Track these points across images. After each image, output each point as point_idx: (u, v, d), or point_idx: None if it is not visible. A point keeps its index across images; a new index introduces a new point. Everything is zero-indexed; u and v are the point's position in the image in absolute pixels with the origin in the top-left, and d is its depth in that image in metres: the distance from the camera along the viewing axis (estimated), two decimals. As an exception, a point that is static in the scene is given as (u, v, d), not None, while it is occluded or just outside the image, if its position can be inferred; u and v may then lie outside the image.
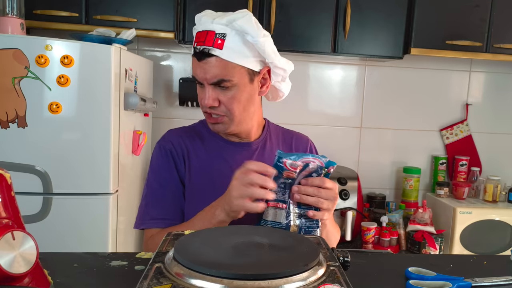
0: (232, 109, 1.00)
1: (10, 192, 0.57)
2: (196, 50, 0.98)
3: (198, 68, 0.99)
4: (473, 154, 2.49)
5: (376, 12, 2.04)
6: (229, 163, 1.06)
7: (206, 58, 0.96)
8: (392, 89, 2.45)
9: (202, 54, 0.96)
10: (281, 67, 1.04)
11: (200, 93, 1.02)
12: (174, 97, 2.32)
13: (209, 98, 0.99)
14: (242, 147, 1.10)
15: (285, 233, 0.77)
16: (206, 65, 0.97)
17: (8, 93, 1.48)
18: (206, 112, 1.03)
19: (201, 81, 1.00)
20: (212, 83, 0.98)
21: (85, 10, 1.87)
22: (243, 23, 0.95)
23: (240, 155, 1.08)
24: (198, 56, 0.98)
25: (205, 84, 0.99)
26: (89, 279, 0.69)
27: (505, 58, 2.12)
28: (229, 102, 1.00)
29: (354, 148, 2.48)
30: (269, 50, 0.99)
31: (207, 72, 0.97)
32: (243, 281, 0.52)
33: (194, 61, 1.00)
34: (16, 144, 1.51)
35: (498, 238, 2.18)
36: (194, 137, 1.11)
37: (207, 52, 0.96)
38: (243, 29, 0.95)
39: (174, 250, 0.61)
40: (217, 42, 0.95)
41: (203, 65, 0.97)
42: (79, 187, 1.57)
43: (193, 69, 1.01)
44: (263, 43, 0.97)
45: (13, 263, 0.52)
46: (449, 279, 0.73)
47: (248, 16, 0.96)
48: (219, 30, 0.96)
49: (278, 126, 1.22)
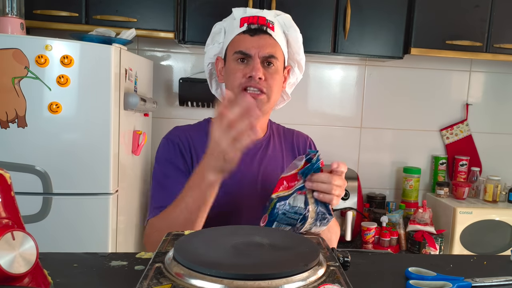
0: (272, 85, 1.06)
1: (10, 192, 0.57)
2: (252, 27, 1.06)
3: (249, 42, 1.05)
4: (473, 154, 2.49)
5: (376, 12, 2.04)
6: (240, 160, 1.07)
7: (261, 33, 1.06)
8: (392, 89, 2.45)
9: (258, 30, 1.05)
10: (303, 66, 1.17)
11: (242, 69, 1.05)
12: (174, 97, 2.32)
13: (259, 70, 1.03)
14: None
15: (285, 233, 0.77)
16: (260, 39, 1.05)
17: (8, 93, 1.48)
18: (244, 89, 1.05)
19: (252, 53, 1.04)
20: (264, 56, 1.05)
21: (85, 10, 1.87)
22: (287, 19, 1.12)
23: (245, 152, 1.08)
24: (252, 32, 1.06)
25: (254, 57, 1.04)
26: (89, 279, 0.69)
27: (505, 58, 2.12)
28: (272, 78, 1.06)
29: (354, 148, 2.48)
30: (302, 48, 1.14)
31: (262, 46, 1.05)
32: (243, 281, 0.52)
33: (243, 37, 1.06)
34: (16, 144, 1.51)
35: (498, 238, 2.18)
36: (201, 133, 1.11)
37: (263, 29, 1.06)
38: (287, 24, 1.10)
39: (174, 250, 0.61)
40: (269, 25, 1.07)
41: (257, 39, 1.05)
42: (79, 187, 1.57)
43: (241, 44, 1.06)
44: (300, 39, 1.12)
45: (13, 263, 0.52)
46: (449, 279, 0.73)
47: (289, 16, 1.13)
48: (269, 18, 1.08)
49: (280, 125, 1.25)
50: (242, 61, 1.06)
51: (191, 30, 1.95)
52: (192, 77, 2.26)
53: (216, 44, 1.15)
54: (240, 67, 1.06)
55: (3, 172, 0.57)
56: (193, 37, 1.96)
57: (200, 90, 2.22)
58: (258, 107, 1.04)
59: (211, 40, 1.16)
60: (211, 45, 1.16)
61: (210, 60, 1.17)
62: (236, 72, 1.06)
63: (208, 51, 1.17)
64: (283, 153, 1.17)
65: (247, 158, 1.09)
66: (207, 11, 1.93)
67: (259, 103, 1.05)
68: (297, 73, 1.18)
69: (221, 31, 1.14)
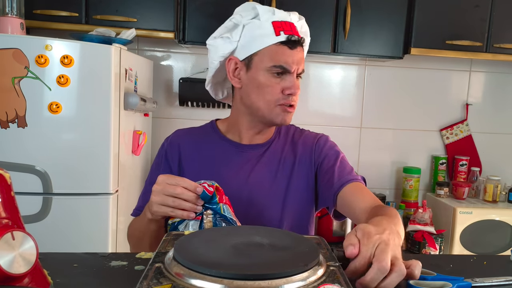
0: (297, 98, 1.03)
1: (10, 192, 0.57)
2: (292, 39, 0.97)
3: (290, 57, 0.98)
4: (473, 154, 2.49)
5: (376, 12, 2.04)
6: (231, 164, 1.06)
7: (298, 46, 0.99)
8: (392, 89, 2.45)
9: (296, 42, 0.98)
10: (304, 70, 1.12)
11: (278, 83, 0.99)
12: (174, 97, 2.32)
13: (299, 88, 1.00)
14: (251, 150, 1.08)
15: (285, 233, 0.77)
16: (299, 54, 0.99)
17: (8, 93, 1.48)
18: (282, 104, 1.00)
19: (292, 69, 0.98)
20: (298, 73, 1.01)
21: (85, 10, 1.87)
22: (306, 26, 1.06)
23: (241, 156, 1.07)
24: (290, 44, 0.98)
25: (293, 73, 0.99)
26: (89, 279, 0.69)
27: (505, 58, 2.12)
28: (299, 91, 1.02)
29: (354, 148, 2.48)
30: None
31: (300, 62, 1.00)
32: (243, 281, 0.52)
33: (282, 49, 0.97)
34: (16, 144, 1.51)
35: (498, 238, 2.18)
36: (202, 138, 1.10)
37: (301, 42, 1.00)
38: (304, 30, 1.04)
39: (174, 250, 0.61)
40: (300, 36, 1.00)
41: (296, 54, 0.99)
42: (79, 187, 1.57)
43: (280, 58, 0.97)
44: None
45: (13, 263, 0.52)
46: (449, 279, 0.72)
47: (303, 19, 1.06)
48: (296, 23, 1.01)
49: (293, 126, 1.18)
50: (278, 75, 0.99)
51: (191, 30, 1.95)
52: (192, 77, 2.26)
53: (229, 41, 1.01)
54: (277, 81, 0.99)
55: (3, 172, 0.57)
56: (193, 37, 1.96)
57: (200, 90, 2.21)
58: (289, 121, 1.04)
59: (220, 33, 1.02)
60: (220, 39, 1.02)
61: (220, 59, 1.04)
62: (272, 86, 0.99)
63: (218, 46, 1.02)
64: (280, 158, 1.09)
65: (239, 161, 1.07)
66: (207, 11, 1.93)
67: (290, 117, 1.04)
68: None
69: (238, 27, 1.00)
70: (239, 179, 1.04)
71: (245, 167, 1.06)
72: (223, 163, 1.06)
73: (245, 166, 1.06)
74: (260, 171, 1.06)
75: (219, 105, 2.24)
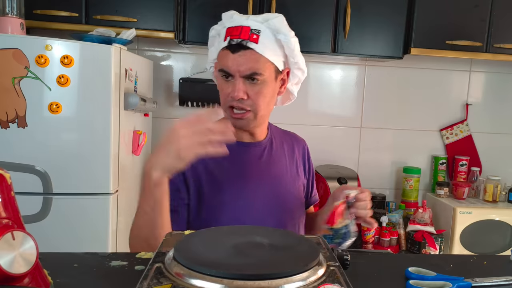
0: (258, 103, 1.03)
1: (10, 192, 0.57)
2: (232, 43, 1.00)
3: (231, 60, 1.00)
4: (473, 154, 2.49)
5: (376, 12, 2.04)
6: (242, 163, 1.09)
7: (241, 50, 1.00)
8: (392, 89, 2.45)
9: (238, 46, 0.99)
10: (302, 68, 1.10)
11: (226, 87, 1.03)
12: (174, 97, 2.32)
13: (240, 90, 1.00)
14: (253, 146, 1.12)
15: (285, 233, 0.77)
16: (241, 57, 1.00)
17: (8, 93, 1.48)
18: (231, 107, 1.04)
19: (233, 73, 1.01)
20: (245, 75, 1.00)
21: (85, 10, 1.87)
22: (278, 23, 1.03)
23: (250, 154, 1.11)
24: (232, 49, 1.00)
25: (236, 77, 1.01)
26: (89, 279, 0.69)
27: (505, 58, 2.12)
28: (256, 96, 1.02)
29: (354, 148, 2.48)
30: (297, 50, 1.06)
31: (242, 64, 1.00)
32: (243, 281, 0.52)
33: (226, 54, 1.01)
34: (16, 144, 1.51)
35: (498, 238, 2.18)
36: None
37: (244, 45, 0.99)
38: (276, 28, 1.02)
39: (174, 250, 0.61)
40: (252, 36, 1.00)
41: (237, 58, 1.00)
42: (79, 187, 1.57)
43: (223, 62, 1.02)
44: (294, 43, 1.04)
45: (13, 263, 0.52)
46: (449, 279, 0.73)
47: (281, 17, 1.05)
48: (254, 26, 1.01)
49: (277, 127, 1.25)
50: (227, 78, 1.03)
51: (191, 30, 1.95)
52: (192, 77, 2.26)
53: (214, 48, 1.11)
54: (225, 85, 1.04)
55: (3, 172, 0.57)
56: (193, 37, 1.96)
57: (200, 90, 2.22)
58: (245, 125, 1.06)
59: (211, 42, 1.14)
60: (211, 47, 1.14)
61: (211, 64, 1.16)
62: (222, 90, 1.05)
63: (209, 55, 1.15)
64: (285, 155, 1.17)
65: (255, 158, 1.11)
66: (207, 11, 1.93)
67: (246, 122, 1.05)
68: (298, 74, 1.14)
69: (216, 36, 1.10)
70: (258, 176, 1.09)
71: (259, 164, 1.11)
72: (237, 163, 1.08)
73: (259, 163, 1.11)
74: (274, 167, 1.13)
75: (219, 105, 2.24)
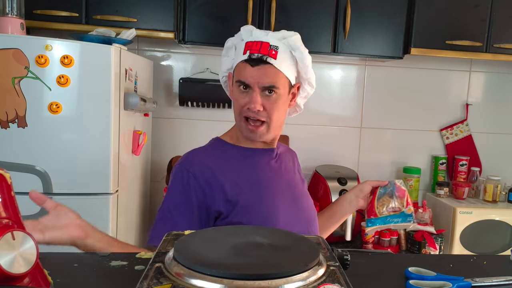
0: (272, 115, 1.07)
1: (10, 192, 0.57)
2: (253, 57, 1.05)
3: (250, 73, 1.05)
4: (473, 154, 2.49)
5: (376, 12, 2.04)
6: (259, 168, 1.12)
7: (261, 64, 1.05)
8: (392, 89, 2.45)
9: (258, 60, 1.05)
10: (313, 83, 1.16)
11: (242, 98, 1.07)
12: (174, 97, 2.32)
13: (257, 102, 1.05)
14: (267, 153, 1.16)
15: (285, 233, 0.77)
16: (260, 70, 1.05)
17: (8, 93, 1.48)
18: (246, 118, 1.08)
19: (252, 85, 1.05)
20: (263, 87, 1.05)
21: (85, 10, 1.87)
22: (295, 40, 1.09)
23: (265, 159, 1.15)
24: (252, 62, 1.05)
25: (254, 89, 1.05)
26: (89, 279, 0.69)
27: (505, 58, 2.12)
28: (271, 108, 1.07)
29: (354, 148, 2.48)
30: (310, 67, 1.13)
31: (261, 77, 1.05)
32: (243, 281, 0.52)
33: (244, 66, 1.06)
34: (16, 144, 1.51)
35: (498, 238, 2.18)
36: (217, 156, 1.11)
37: (263, 60, 1.04)
38: (293, 45, 1.08)
39: (174, 250, 0.61)
40: (271, 52, 1.05)
41: (257, 71, 1.05)
42: (79, 187, 1.57)
43: (242, 74, 1.07)
44: (309, 60, 1.11)
45: (13, 263, 0.52)
46: (449, 279, 0.73)
47: (298, 35, 1.10)
48: (273, 43, 1.06)
49: None
50: (244, 89, 1.07)
51: (191, 30, 1.95)
52: (192, 77, 2.26)
53: (229, 59, 1.15)
54: (241, 96, 1.08)
55: (3, 172, 0.57)
56: (193, 37, 1.96)
57: (200, 90, 2.22)
58: (258, 137, 1.10)
59: (224, 54, 1.18)
60: (225, 57, 1.17)
61: (224, 74, 1.19)
62: (238, 100, 1.09)
63: (222, 64, 1.18)
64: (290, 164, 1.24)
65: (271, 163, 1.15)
66: (207, 11, 1.93)
67: (259, 134, 1.09)
68: (307, 89, 1.19)
69: (232, 47, 1.15)
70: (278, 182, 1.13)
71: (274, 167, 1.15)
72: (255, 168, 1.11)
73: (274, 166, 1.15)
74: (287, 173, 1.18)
75: (219, 105, 2.24)
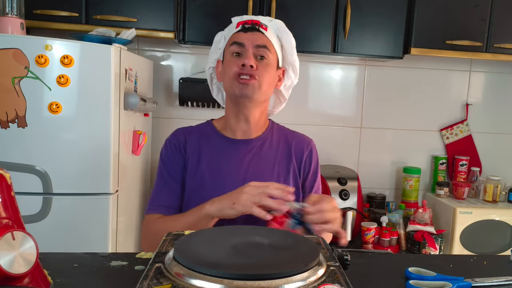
0: (263, 74, 1.11)
1: (10, 192, 0.57)
2: (246, 26, 1.14)
3: (244, 35, 1.13)
4: (473, 154, 2.49)
5: (376, 12, 2.04)
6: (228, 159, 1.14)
7: (254, 31, 1.14)
8: (392, 89, 2.45)
9: (251, 28, 1.14)
10: (297, 69, 1.22)
11: (236, 61, 1.12)
12: (174, 97, 2.32)
13: (251, 59, 1.10)
14: (243, 144, 1.17)
15: (285, 233, 0.77)
16: (253, 35, 1.13)
17: (8, 93, 1.48)
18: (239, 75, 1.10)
19: (246, 44, 1.11)
20: (256, 45, 1.11)
21: (85, 10, 1.87)
22: (281, 24, 1.20)
23: (237, 150, 1.15)
24: (245, 30, 1.14)
25: (247, 48, 1.11)
26: (89, 279, 0.69)
27: (505, 58, 2.12)
28: (263, 69, 1.12)
29: (354, 148, 2.48)
30: (295, 51, 1.21)
31: (254, 39, 1.12)
32: (243, 281, 0.52)
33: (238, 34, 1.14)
34: (16, 144, 1.51)
35: (498, 238, 2.18)
36: (200, 135, 1.19)
37: (256, 28, 1.14)
38: (280, 28, 1.18)
39: (174, 250, 0.61)
40: (262, 26, 1.16)
41: (250, 35, 1.13)
42: (79, 187, 1.57)
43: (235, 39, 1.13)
44: (294, 41, 1.20)
45: (13, 263, 0.52)
46: (449, 279, 0.73)
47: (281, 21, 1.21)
48: (263, 21, 1.17)
49: (284, 128, 1.27)
50: (238, 55, 1.12)
51: (191, 30, 1.95)
52: (192, 77, 2.26)
53: (218, 50, 1.22)
54: (235, 59, 1.12)
55: (3, 172, 0.57)
56: (193, 37, 1.96)
57: (200, 90, 2.22)
58: (250, 93, 1.11)
59: (214, 47, 1.24)
60: (214, 52, 1.23)
61: (211, 65, 1.24)
62: (231, 64, 1.12)
63: (210, 56, 1.24)
64: (276, 156, 1.17)
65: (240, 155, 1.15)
66: (207, 11, 1.93)
67: (251, 88, 1.10)
68: (291, 76, 1.23)
69: (222, 39, 1.21)
70: (237, 174, 1.12)
71: (242, 161, 1.14)
72: (221, 159, 1.14)
73: (242, 161, 1.14)
74: (257, 166, 1.15)
75: (219, 105, 2.24)
